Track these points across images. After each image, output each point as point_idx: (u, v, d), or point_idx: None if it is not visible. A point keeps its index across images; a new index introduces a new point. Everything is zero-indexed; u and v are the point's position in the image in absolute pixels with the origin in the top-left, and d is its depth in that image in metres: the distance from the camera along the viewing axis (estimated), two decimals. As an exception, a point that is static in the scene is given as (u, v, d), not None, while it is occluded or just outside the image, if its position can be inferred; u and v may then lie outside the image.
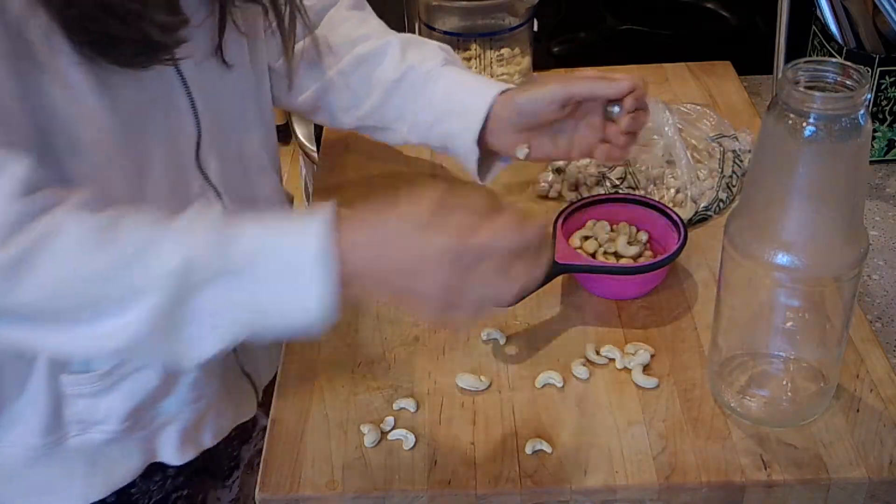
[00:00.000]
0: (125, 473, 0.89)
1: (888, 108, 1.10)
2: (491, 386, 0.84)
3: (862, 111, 0.67)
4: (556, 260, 0.90)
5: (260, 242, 0.66)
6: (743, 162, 1.06)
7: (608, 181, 1.03)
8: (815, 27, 1.15)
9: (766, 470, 0.76)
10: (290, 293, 0.65)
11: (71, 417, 0.84)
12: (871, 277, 0.97)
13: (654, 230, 0.96)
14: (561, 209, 0.95)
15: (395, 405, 0.82)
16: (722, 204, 1.02)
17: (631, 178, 1.03)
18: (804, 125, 0.67)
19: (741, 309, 0.78)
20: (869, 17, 1.09)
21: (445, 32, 1.13)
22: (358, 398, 0.83)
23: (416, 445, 0.79)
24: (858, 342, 0.86)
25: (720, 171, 1.03)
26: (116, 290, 0.65)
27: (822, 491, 0.75)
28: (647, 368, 0.84)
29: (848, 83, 0.68)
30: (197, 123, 0.83)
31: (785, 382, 0.81)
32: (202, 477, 0.99)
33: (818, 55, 1.15)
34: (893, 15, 1.02)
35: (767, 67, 1.18)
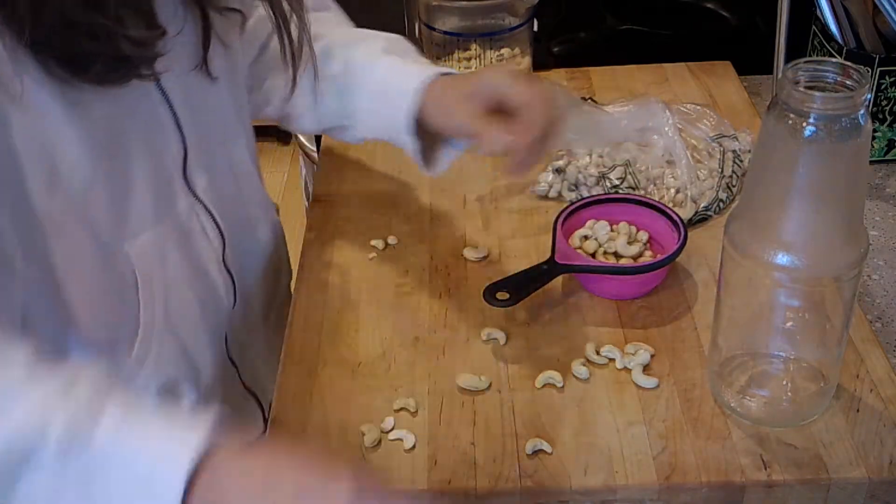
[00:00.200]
0: None
1: (888, 108, 1.10)
2: (491, 386, 0.84)
3: (862, 111, 0.67)
4: (556, 260, 0.90)
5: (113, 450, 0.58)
6: (743, 162, 1.06)
7: (608, 181, 1.03)
8: (815, 27, 1.15)
9: (766, 470, 0.76)
10: None
11: None
12: (871, 277, 0.97)
13: (654, 230, 0.96)
14: (561, 209, 0.96)
15: (395, 405, 0.82)
16: (722, 204, 1.02)
17: (631, 178, 1.03)
18: (804, 125, 0.67)
19: (741, 309, 0.78)
20: (869, 17, 1.08)
21: (445, 32, 1.13)
22: (358, 398, 0.83)
23: (416, 445, 0.79)
24: (858, 342, 0.86)
25: (720, 171, 1.03)
26: None
27: (822, 491, 0.75)
28: (647, 368, 0.84)
29: (848, 83, 0.68)
30: (182, 139, 0.80)
31: (785, 382, 0.81)
32: None
33: (818, 55, 1.15)
34: (893, 15, 1.02)
35: (767, 67, 1.18)
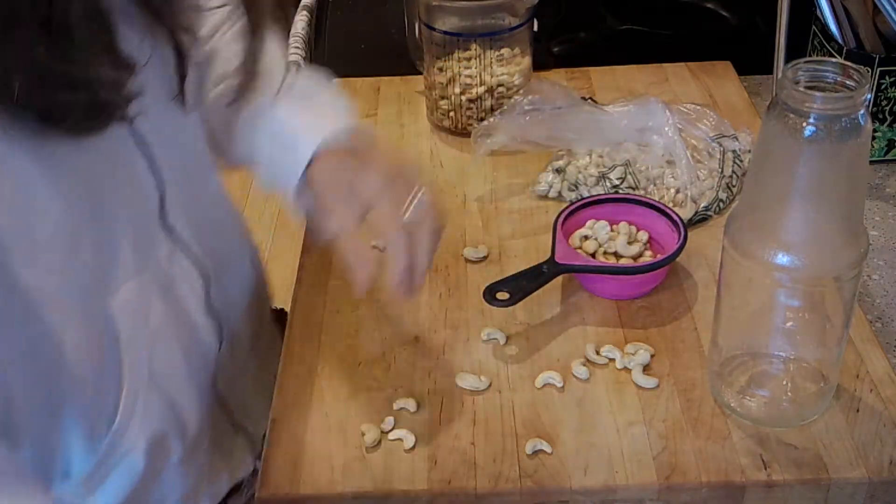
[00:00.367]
0: None
1: (888, 108, 1.10)
2: (491, 386, 0.84)
3: (862, 111, 0.67)
4: (556, 260, 0.90)
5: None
6: (743, 162, 1.06)
7: (608, 181, 1.03)
8: (815, 27, 1.15)
9: (766, 470, 0.76)
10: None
11: None
12: (871, 277, 0.97)
13: (654, 230, 0.96)
14: (561, 209, 0.96)
15: (395, 405, 0.82)
16: (722, 204, 1.02)
17: (631, 178, 1.03)
18: (804, 125, 0.67)
19: (741, 309, 0.78)
20: (869, 17, 1.08)
21: (445, 32, 1.13)
22: (358, 398, 0.83)
23: (416, 445, 0.79)
24: (858, 342, 0.86)
25: (720, 171, 1.03)
26: None
27: (822, 491, 0.75)
28: (647, 368, 0.84)
29: (848, 83, 0.68)
30: (158, 179, 0.75)
31: (785, 382, 0.81)
32: None
33: (818, 55, 1.15)
34: (893, 15, 1.02)
35: (767, 67, 1.18)
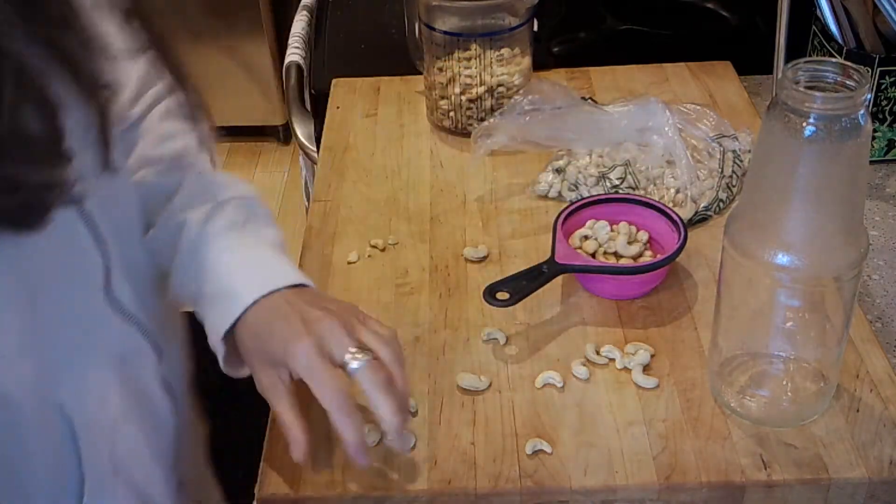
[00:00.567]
0: None
1: (888, 108, 1.10)
2: (491, 386, 0.84)
3: (862, 111, 0.67)
4: (556, 260, 0.90)
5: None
6: (743, 162, 1.06)
7: (608, 181, 1.03)
8: (815, 27, 1.15)
9: (766, 470, 0.76)
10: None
11: None
12: (871, 277, 0.97)
13: (654, 230, 0.96)
14: (561, 209, 0.96)
15: (395, 405, 0.82)
16: (722, 204, 1.02)
17: (631, 178, 1.03)
18: (804, 125, 0.67)
19: (741, 309, 0.78)
20: (869, 17, 1.08)
21: (445, 32, 1.13)
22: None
23: (415, 445, 0.79)
24: (858, 342, 0.86)
25: (720, 171, 1.03)
26: None
27: (822, 491, 0.75)
28: (647, 368, 0.84)
29: (848, 83, 0.68)
30: (103, 252, 0.70)
31: (785, 382, 0.81)
32: None
33: (818, 55, 1.15)
34: (893, 15, 1.02)
35: (767, 67, 1.18)
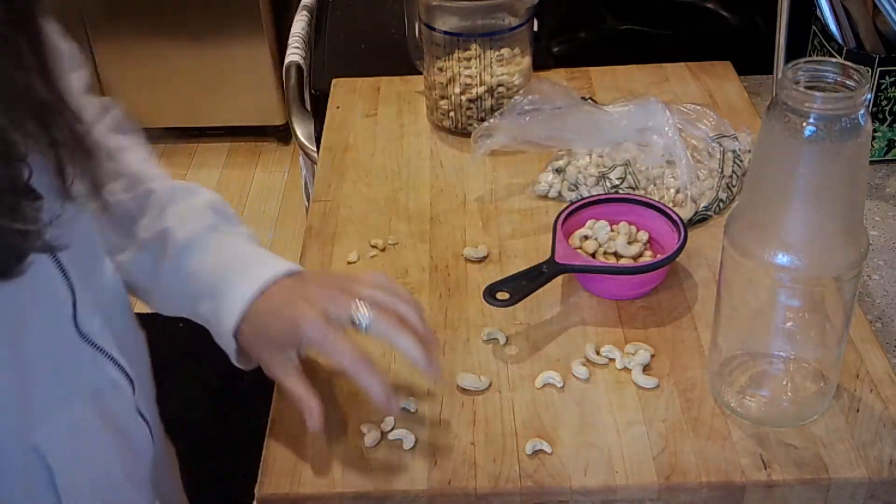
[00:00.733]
0: None
1: (888, 108, 1.10)
2: (491, 386, 0.84)
3: (862, 111, 0.67)
4: (556, 260, 0.90)
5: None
6: (743, 162, 1.06)
7: (608, 181, 1.03)
8: (815, 27, 1.15)
9: (766, 470, 0.76)
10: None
11: None
12: (871, 277, 0.97)
13: (654, 230, 0.96)
14: (561, 209, 0.96)
15: (395, 405, 0.82)
16: (722, 204, 1.02)
17: (631, 178, 1.03)
18: (804, 125, 0.67)
19: (741, 309, 0.78)
20: (869, 17, 1.08)
21: (445, 32, 1.13)
22: (358, 398, 0.83)
23: (416, 445, 0.79)
24: (858, 342, 0.86)
25: (720, 171, 1.03)
26: None
27: (822, 491, 0.75)
28: (647, 368, 0.84)
29: (848, 83, 0.68)
30: (69, 283, 0.68)
31: (785, 382, 0.81)
32: None
33: (818, 55, 1.15)
34: (893, 15, 1.02)
35: (767, 67, 1.18)
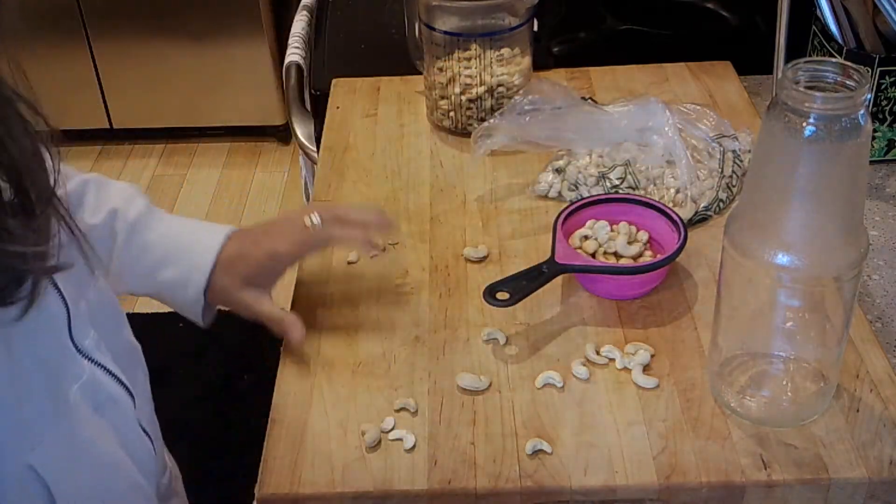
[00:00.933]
0: None
1: (888, 108, 1.10)
2: (491, 386, 0.84)
3: (862, 111, 0.67)
4: (556, 260, 0.90)
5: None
6: (743, 162, 1.06)
7: (608, 181, 1.03)
8: (815, 27, 1.15)
9: (766, 470, 0.76)
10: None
11: None
12: (871, 277, 0.97)
13: (654, 230, 0.96)
14: (561, 209, 0.96)
15: (395, 405, 0.82)
16: (722, 204, 1.02)
17: (631, 178, 1.03)
18: (804, 125, 0.67)
19: (741, 309, 0.78)
20: (869, 17, 1.08)
21: (445, 32, 1.13)
22: (358, 398, 0.83)
23: (416, 445, 0.79)
24: (858, 342, 0.86)
25: (720, 171, 1.03)
26: None
27: (822, 491, 0.75)
28: (647, 368, 0.84)
29: (848, 83, 0.68)
30: (62, 298, 0.67)
31: (785, 382, 0.81)
32: None
33: (818, 55, 1.15)
34: (893, 15, 1.02)
35: (767, 67, 1.18)
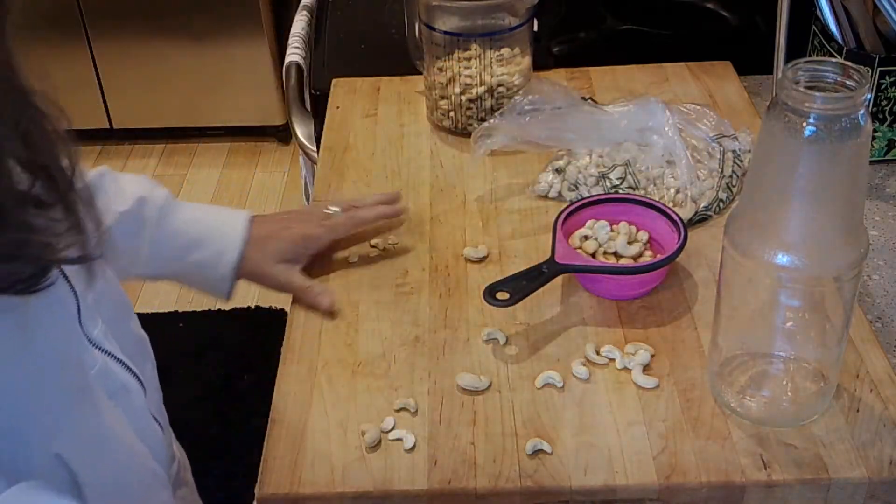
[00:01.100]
0: None
1: (888, 108, 1.10)
2: (491, 386, 0.84)
3: (862, 111, 0.67)
4: (556, 260, 0.90)
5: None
6: (743, 162, 1.06)
7: (608, 181, 1.03)
8: (815, 27, 1.15)
9: (766, 470, 0.76)
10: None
11: None
12: (871, 277, 0.97)
13: (654, 230, 0.96)
14: (561, 209, 0.96)
15: (395, 405, 0.82)
16: (722, 204, 1.02)
17: (631, 178, 1.03)
18: (804, 125, 0.67)
19: (741, 309, 0.78)
20: (869, 17, 1.08)
21: (445, 32, 1.13)
22: (358, 398, 0.83)
23: (416, 445, 0.79)
24: (858, 342, 0.86)
25: (720, 171, 1.03)
26: None
27: (822, 491, 0.75)
28: (647, 368, 0.84)
29: (848, 83, 0.68)
30: (72, 289, 0.68)
31: (785, 382, 0.81)
32: None
33: (818, 55, 1.15)
34: (893, 15, 1.02)
35: (767, 67, 1.18)
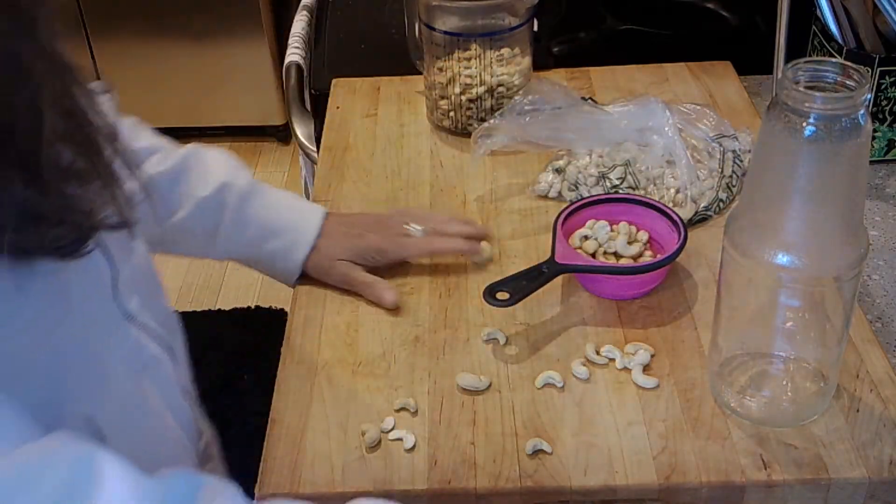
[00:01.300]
0: None
1: (888, 108, 1.10)
2: (491, 386, 0.84)
3: (862, 111, 0.67)
4: (556, 260, 0.90)
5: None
6: (743, 162, 1.06)
7: (608, 181, 1.03)
8: (815, 27, 1.15)
9: (766, 470, 0.76)
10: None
11: None
12: (871, 277, 0.97)
13: (654, 230, 0.96)
14: (561, 209, 0.96)
15: (395, 405, 0.82)
16: (722, 204, 1.02)
17: (631, 178, 1.03)
18: (804, 125, 0.67)
19: (741, 309, 0.78)
20: (869, 17, 1.08)
21: (445, 32, 1.13)
22: (358, 398, 0.83)
23: (416, 445, 0.79)
24: (858, 342, 0.86)
25: (720, 171, 1.03)
26: None
27: (822, 491, 0.75)
28: (647, 368, 0.84)
29: (848, 83, 0.68)
30: (109, 260, 0.68)
31: (785, 382, 0.81)
32: None
33: (818, 55, 1.15)
34: (893, 15, 1.02)
35: (767, 67, 1.18)
